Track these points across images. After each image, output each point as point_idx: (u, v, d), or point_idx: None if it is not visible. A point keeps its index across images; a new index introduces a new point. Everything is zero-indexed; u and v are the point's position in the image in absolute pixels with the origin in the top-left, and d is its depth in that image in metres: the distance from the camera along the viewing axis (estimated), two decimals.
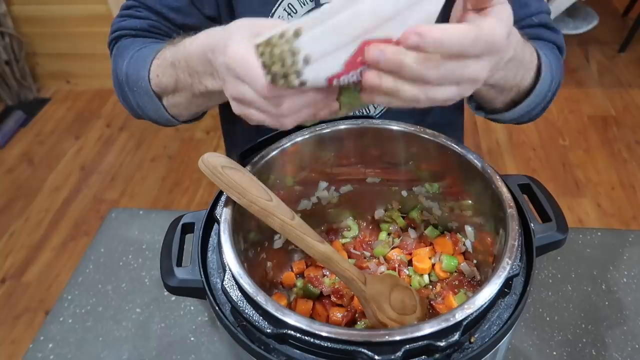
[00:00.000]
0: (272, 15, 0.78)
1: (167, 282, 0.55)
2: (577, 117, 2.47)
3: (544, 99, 0.72)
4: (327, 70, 0.44)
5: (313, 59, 0.43)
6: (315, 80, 0.45)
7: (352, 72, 0.45)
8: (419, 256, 0.69)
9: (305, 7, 0.77)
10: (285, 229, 0.54)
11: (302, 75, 0.44)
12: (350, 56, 0.44)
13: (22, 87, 2.75)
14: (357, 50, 0.43)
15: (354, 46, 0.43)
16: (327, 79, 0.45)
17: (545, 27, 0.80)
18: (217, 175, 0.54)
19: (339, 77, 0.45)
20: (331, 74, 0.45)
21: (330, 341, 0.45)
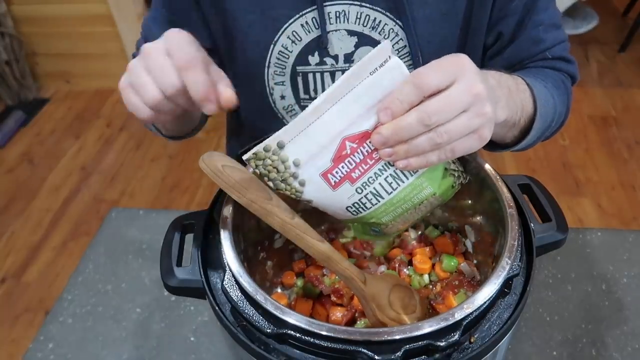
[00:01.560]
0: (276, 42, 0.76)
1: (167, 282, 0.55)
2: (577, 117, 2.47)
3: (549, 127, 0.73)
4: (319, 168, 0.50)
5: (302, 161, 0.49)
6: (311, 177, 0.50)
7: (342, 164, 0.49)
8: (419, 256, 0.69)
9: (311, 34, 0.74)
10: (286, 228, 0.54)
11: (299, 176, 0.50)
12: (335, 153, 0.49)
13: (22, 87, 2.75)
14: (339, 146, 0.48)
15: (335, 144, 0.48)
16: (321, 175, 0.50)
17: (561, 59, 0.80)
18: (218, 174, 0.54)
19: (331, 172, 0.50)
20: (323, 171, 0.50)
21: (330, 340, 0.45)
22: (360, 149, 0.49)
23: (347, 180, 0.51)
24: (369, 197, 0.53)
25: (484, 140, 0.48)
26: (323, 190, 0.51)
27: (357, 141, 0.48)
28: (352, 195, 0.52)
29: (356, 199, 0.53)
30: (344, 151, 0.49)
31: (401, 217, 0.56)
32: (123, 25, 2.58)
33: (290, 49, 0.75)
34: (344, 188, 0.51)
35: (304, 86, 0.78)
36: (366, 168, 0.50)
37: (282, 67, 0.76)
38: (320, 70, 0.77)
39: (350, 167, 0.50)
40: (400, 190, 0.53)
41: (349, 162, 0.49)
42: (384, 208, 0.54)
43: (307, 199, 0.52)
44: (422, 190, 0.53)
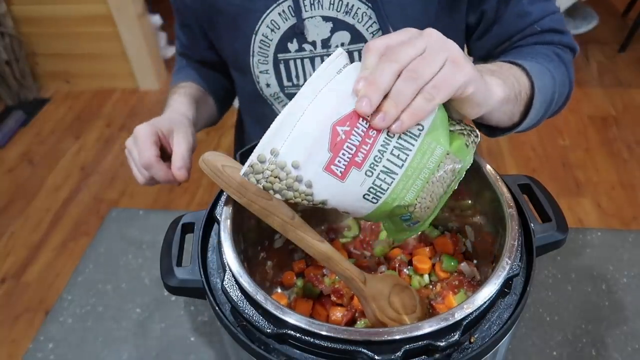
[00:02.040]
0: (257, 32, 0.79)
1: (167, 282, 0.55)
2: (577, 117, 2.47)
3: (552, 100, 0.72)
4: (319, 164, 0.47)
5: (301, 161, 0.47)
6: (316, 175, 0.48)
7: (342, 151, 0.47)
8: (419, 256, 0.69)
9: (288, 22, 0.78)
10: (286, 228, 0.54)
11: (303, 178, 0.47)
12: (329, 142, 0.46)
13: (22, 87, 2.75)
14: (331, 134, 0.46)
15: (327, 133, 0.46)
16: (324, 169, 0.48)
17: (552, 31, 0.78)
18: (218, 174, 0.54)
19: (333, 163, 0.47)
20: (325, 164, 0.47)
21: (330, 340, 0.45)
22: (354, 130, 0.47)
23: (354, 167, 0.48)
24: (381, 177, 0.49)
25: (466, 72, 0.47)
26: (333, 185, 0.48)
27: (347, 123, 0.47)
28: (364, 180, 0.49)
29: (369, 183, 0.49)
30: (338, 137, 0.47)
31: (425, 191, 0.52)
32: (123, 25, 2.58)
33: (270, 38, 0.78)
34: (352, 176, 0.49)
35: (286, 73, 0.81)
36: (368, 148, 0.48)
37: (264, 56, 0.80)
38: (300, 57, 0.80)
39: (351, 152, 0.47)
40: (411, 159, 0.49)
41: (348, 147, 0.47)
42: (402, 185, 0.50)
43: (321, 199, 0.50)
44: (434, 152, 0.50)
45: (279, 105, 0.86)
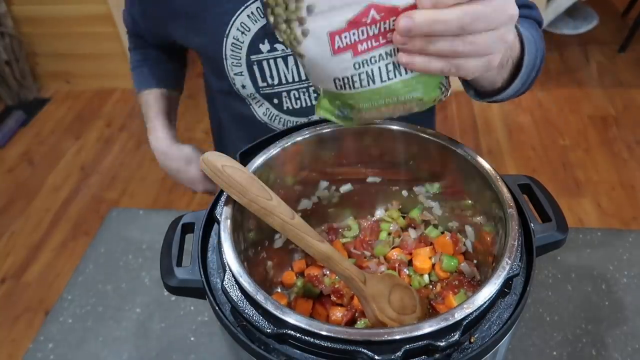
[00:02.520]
0: (228, 35, 0.78)
1: (167, 282, 0.55)
2: (577, 117, 2.47)
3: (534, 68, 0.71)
4: (330, 26, 0.45)
5: (317, 10, 0.44)
6: (317, 32, 0.45)
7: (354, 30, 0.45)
8: (419, 256, 0.69)
9: (258, 23, 0.77)
10: (286, 228, 0.54)
11: (305, 24, 0.44)
12: (355, 15, 0.44)
13: (22, 87, 2.75)
14: (363, 10, 0.44)
15: (361, 6, 0.44)
16: (328, 34, 0.45)
17: (523, 6, 0.78)
18: (218, 174, 0.54)
19: (340, 33, 0.45)
20: (333, 30, 0.45)
21: (330, 340, 0.45)
22: (380, 23, 0.45)
23: (351, 50, 0.46)
24: (362, 77, 0.48)
25: (491, 68, 0.48)
26: (322, 50, 0.46)
27: (382, 14, 0.44)
28: (348, 68, 0.48)
29: (349, 74, 0.48)
30: (364, 18, 0.44)
31: (378, 109, 0.52)
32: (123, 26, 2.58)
33: (241, 40, 0.77)
34: (343, 57, 0.47)
35: (260, 74, 0.81)
36: (375, 45, 0.46)
37: (237, 59, 0.79)
38: (272, 57, 0.79)
39: (361, 36, 0.45)
40: (393, 82, 0.49)
41: (362, 31, 0.45)
42: (369, 94, 0.50)
43: (301, 52, 0.47)
44: (413, 92, 0.50)
45: (256, 106, 0.86)
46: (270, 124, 0.87)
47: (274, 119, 0.86)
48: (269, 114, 0.85)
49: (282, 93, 0.82)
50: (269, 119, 0.86)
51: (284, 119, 0.85)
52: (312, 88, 0.81)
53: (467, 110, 2.56)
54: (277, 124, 0.87)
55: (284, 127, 0.87)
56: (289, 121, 0.85)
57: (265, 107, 0.84)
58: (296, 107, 0.83)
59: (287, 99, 0.82)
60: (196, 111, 2.54)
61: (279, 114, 0.84)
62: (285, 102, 0.83)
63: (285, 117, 0.85)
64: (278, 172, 0.65)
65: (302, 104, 0.82)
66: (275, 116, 0.85)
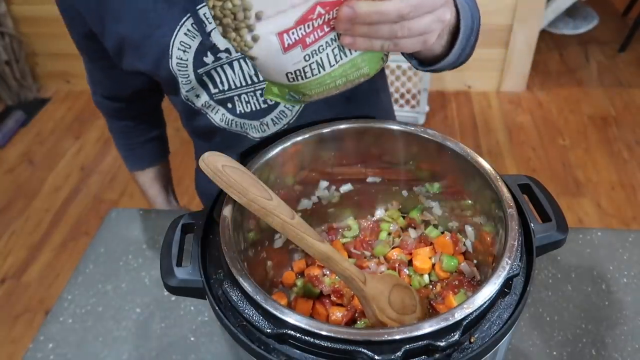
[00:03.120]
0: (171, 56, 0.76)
1: (167, 282, 0.55)
2: (577, 117, 2.47)
3: (472, 32, 0.71)
4: (278, 27, 0.46)
5: (265, 16, 0.45)
6: (266, 35, 0.46)
7: (302, 26, 0.47)
8: (419, 256, 0.69)
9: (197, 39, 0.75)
10: (286, 228, 0.54)
11: (254, 30, 0.46)
12: (302, 14, 0.46)
13: (22, 87, 2.75)
14: (310, 9, 0.46)
15: (307, 6, 0.45)
16: (277, 34, 0.47)
17: None
18: (218, 174, 0.54)
19: (288, 32, 0.47)
20: (281, 30, 0.47)
21: (330, 340, 0.45)
22: (325, 15, 0.47)
23: (300, 45, 0.48)
24: (312, 67, 0.51)
25: (427, 47, 0.51)
26: (273, 50, 0.48)
27: (327, 7, 0.46)
28: (299, 61, 0.50)
29: (300, 67, 0.50)
30: (311, 14, 0.46)
31: (328, 91, 0.54)
32: None
33: (185, 58, 0.77)
34: (294, 53, 0.49)
35: (211, 83, 0.80)
36: (321, 35, 0.48)
37: (185, 76, 0.78)
38: (219, 65, 0.78)
39: (307, 30, 0.48)
40: (341, 64, 0.52)
41: (308, 25, 0.47)
42: (320, 80, 0.52)
43: (253, 55, 0.48)
44: (360, 69, 0.53)
45: (212, 113, 0.85)
46: (229, 129, 0.87)
47: (230, 123, 0.85)
48: (225, 119, 0.85)
49: (233, 97, 0.82)
50: (226, 124, 0.85)
51: (240, 122, 0.85)
52: (258, 91, 0.81)
53: (467, 110, 2.56)
54: (235, 127, 0.86)
55: (241, 129, 0.86)
56: (244, 124, 0.85)
57: (220, 112, 0.84)
58: (247, 111, 0.83)
59: (239, 102, 0.82)
60: None
61: (234, 118, 0.84)
62: (238, 106, 0.83)
63: (240, 121, 0.85)
64: (278, 172, 0.65)
65: (252, 107, 0.83)
66: (231, 121, 0.85)
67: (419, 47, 0.50)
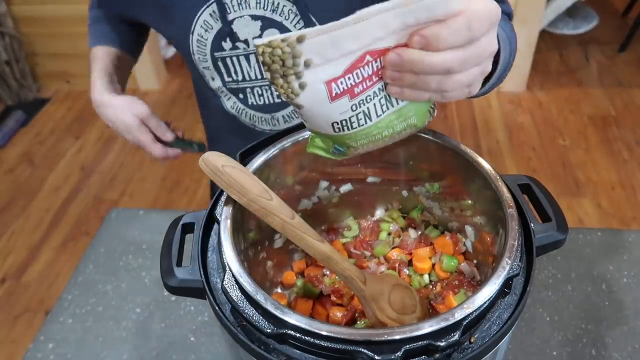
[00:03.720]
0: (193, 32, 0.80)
1: (167, 282, 0.55)
2: (577, 117, 2.47)
3: (508, 65, 0.71)
4: (327, 75, 0.46)
5: (314, 64, 0.45)
6: (314, 83, 0.46)
7: (349, 75, 0.47)
8: (419, 256, 0.69)
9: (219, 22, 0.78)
10: (286, 228, 0.54)
11: (302, 78, 0.46)
12: (351, 63, 0.46)
13: (22, 87, 2.75)
14: (359, 58, 0.45)
15: (357, 55, 0.45)
16: (325, 83, 0.46)
17: None
18: (218, 174, 0.54)
19: (336, 80, 0.47)
20: (330, 78, 0.46)
21: (330, 340, 0.45)
22: (373, 63, 0.47)
23: (348, 95, 0.48)
24: (359, 117, 0.50)
25: (471, 94, 0.51)
26: (320, 99, 0.48)
27: (375, 56, 0.46)
28: (346, 111, 0.49)
29: (347, 116, 0.50)
30: (360, 63, 0.46)
31: (375, 143, 0.54)
32: None
33: (205, 37, 0.80)
34: (341, 102, 0.48)
35: (225, 70, 0.83)
36: (369, 85, 0.48)
37: (203, 54, 0.82)
38: (235, 55, 0.81)
39: (357, 80, 0.47)
40: (387, 115, 0.51)
41: (357, 75, 0.47)
42: (367, 131, 0.52)
43: (299, 103, 0.48)
44: (407, 119, 0.53)
45: (224, 99, 0.88)
46: (238, 117, 0.89)
47: (240, 112, 0.88)
48: (236, 108, 0.88)
49: (246, 89, 0.84)
50: (237, 112, 0.88)
51: (250, 113, 0.88)
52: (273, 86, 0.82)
53: (467, 110, 2.56)
54: (244, 117, 0.89)
55: (250, 121, 0.89)
56: (254, 116, 0.88)
57: (232, 100, 0.87)
58: (259, 104, 0.85)
59: (251, 94, 0.85)
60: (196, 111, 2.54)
61: (245, 108, 0.87)
62: (249, 98, 0.85)
63: (251, 112, 0.87)
64: (278, 172, 0.65)
65: (265, 100, 0.85)
66: (242, 110, 0.87)
67: (463, 96, 0.51)
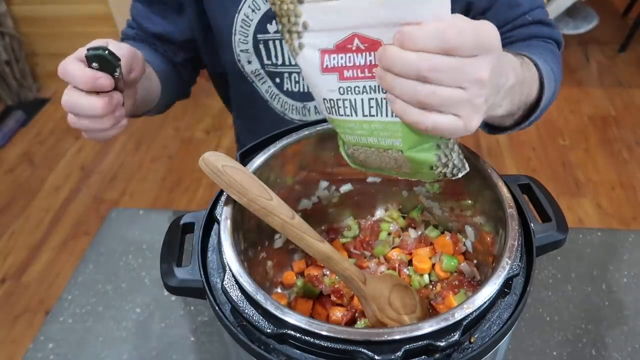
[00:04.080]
0: (239, 11, 0.79)
1: (167, 282, 0.55)
2: (577, 117, 2.47)
3: (549, 104, 0.72)
4: (321, 44, 0.48)
5: (310, 28, 0.48)
6: (310, 47, 0.49)
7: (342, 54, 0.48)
8: (419, 256, 0.69)
9: (267, 4, 0.78)
10: (286, 228, 0.54)
11: (301, 38, 0.49)
12: (341, 40, 0.47)
13: (22, 87, 2.75)
14: (347, 38, 0.47)
15: (345, 34, 0.47)
16: (320, 50, 0.49)
17: (541, 23, 0.80)
18: (218, 174, 0.54)
19: (329, 53, 0.48)
20: (322, 48, 0.49)
21: (330, 340, 0.45)
22: (366, 54, 0.46)
23: (337, 73, 0.48)
24: (345, 104, 0.50)
25: (468, 130, 0.46)
26: (314, 66, 0.49)
27: (366, 45, 0.46)
28: (333, 90, 0.50)
29: (334, 97, 0.50)
30: (349, 44, 0.47)
31: (364, 151, 0.53)
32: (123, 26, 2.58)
33: (251, 18, 0.79)
34: (330, 78, 0.49)
35: (266, 53, 0.83)
36: (360, 75, 0.48)
37: (245, 35, 0.81)
38: (278, 38, 0.80)
39: (348, 63, 0.47)
40: (373, 121, 0.50)
41: (349, 57, 0.47)
42: (352, 125, 0.51)
43: (298, 64, 0.51)
44: (392, 138, 0.50)
45: (259, 83, 0.88)
46: (271, 102, 0.89)
47: (274, 97, 0.88)
48: (270, 92, 0.87)
49: (284, 73, 0.84)
50: (270, 96, 0.88)
51: (283, 99, 0.88)
52: None
53: None
54: (276, 103, 0.89)
55: (281, 108, 0.89)
56: (286, 102, 0.88)
57: (267, 84, 0.87)
58: (294, 90, 0.85)
59: (287, 80, 0.84)
60: (196, 111, 2.54)
61: (278, 94, 0.87)
62: (285, 83, 0.85)
63: (284, 98, 0.87)
64: (278, 172, 0.65)
65: (300, 88, 0.85)
66: (276, 95, 0.87)
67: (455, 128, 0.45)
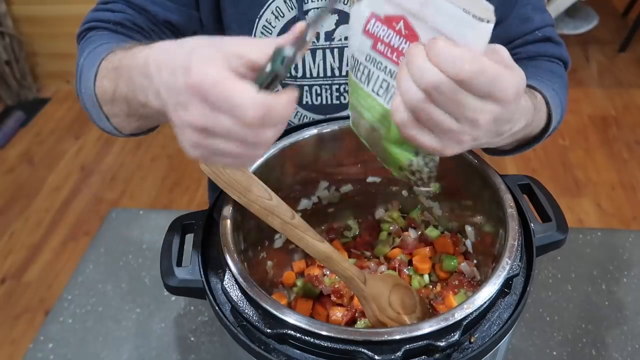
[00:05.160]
0: (260, 17, 0.76)
1: (167, 282, 0.55)
2: (577, 117, 2.47)
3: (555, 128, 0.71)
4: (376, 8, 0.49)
5: None
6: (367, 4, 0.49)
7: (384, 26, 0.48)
8: (419, 256, 0.69)
9: (293, 11, 0.75)
10: (286, 228, 0.54)
11: None
12: (391, 15, 0.47)
13: (22, 87, 2.75)
14: (397, 16, 0.47)
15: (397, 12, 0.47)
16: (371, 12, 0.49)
17: (551, 41, 0.80)
18: (218, 174, 0.54)
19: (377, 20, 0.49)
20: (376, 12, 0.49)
21: (330, 340, 0.45)
22: (403, 39, 0.47)
23: (373, 40, 0.49)
24: (364, 71, 0.51)
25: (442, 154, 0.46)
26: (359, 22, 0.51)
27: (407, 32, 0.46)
28: (363, 53, 0.51)
29: (360, 59, 0.52)
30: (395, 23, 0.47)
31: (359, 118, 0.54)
32: None
33: (273, 25, 0.75)
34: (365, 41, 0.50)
35: None
36: (388, 55, 0.48)
37: None
38: None
39: (385, 38, 0.48)
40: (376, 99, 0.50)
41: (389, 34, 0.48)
42: (359, 92, 0.52)
43: (350, 12, 0.52)
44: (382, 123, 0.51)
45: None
46: None
47: None
48: None
49: (304, 87, 0.80)
50: None
51: (301, 113, 0.83)
52: (335, 86, 0.79)
53: None
54: (293, 117, 0.84)
55: (299, 122, 0.84)
56: (305, 116, 0.83)
57: None
58: (315, 103, 0.81)
59: (308, 93, 0.80)
60: None
61: (296, 107, 0.83)
62: (305, 97, 0.80)
63: (302, 112, 0.83)
64: (278, 172, 0.65)
65: (323, 100, 0.80)
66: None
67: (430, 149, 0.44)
